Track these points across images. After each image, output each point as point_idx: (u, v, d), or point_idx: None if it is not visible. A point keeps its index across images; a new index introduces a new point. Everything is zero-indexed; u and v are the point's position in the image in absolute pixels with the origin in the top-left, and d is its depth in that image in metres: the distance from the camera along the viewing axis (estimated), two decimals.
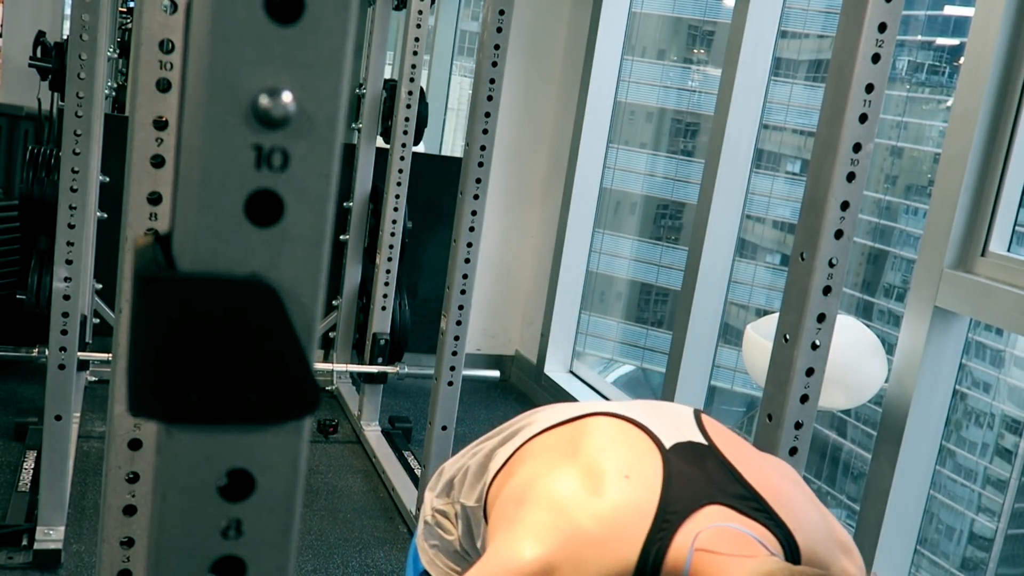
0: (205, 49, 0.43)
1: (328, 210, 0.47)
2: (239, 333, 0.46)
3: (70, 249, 3.11)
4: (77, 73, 3.11)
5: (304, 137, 0.45)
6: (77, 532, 3.31)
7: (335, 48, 0.45)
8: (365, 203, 4.84)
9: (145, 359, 0.46)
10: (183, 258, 0.46)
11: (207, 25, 0.43)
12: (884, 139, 4.11)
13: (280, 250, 0.46)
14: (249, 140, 0.44)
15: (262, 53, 0.44)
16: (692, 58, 5.69)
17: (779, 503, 1.32)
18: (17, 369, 4.60)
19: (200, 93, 0.44)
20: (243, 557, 0.49)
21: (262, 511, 0.49)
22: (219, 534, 0.49)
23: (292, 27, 0.44)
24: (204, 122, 0.44)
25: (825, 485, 4.35)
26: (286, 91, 0.44)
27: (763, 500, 1.31)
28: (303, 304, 0.47)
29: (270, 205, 0.46)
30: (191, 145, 0.45)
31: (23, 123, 4.91)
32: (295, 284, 0.47)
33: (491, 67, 3.14)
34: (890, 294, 4.15)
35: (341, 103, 0.46)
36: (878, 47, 1.73)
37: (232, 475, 0.48)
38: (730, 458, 1.36)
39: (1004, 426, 3.70)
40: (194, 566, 0.49)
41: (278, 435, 0.48)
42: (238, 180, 0.45)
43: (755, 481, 1.33)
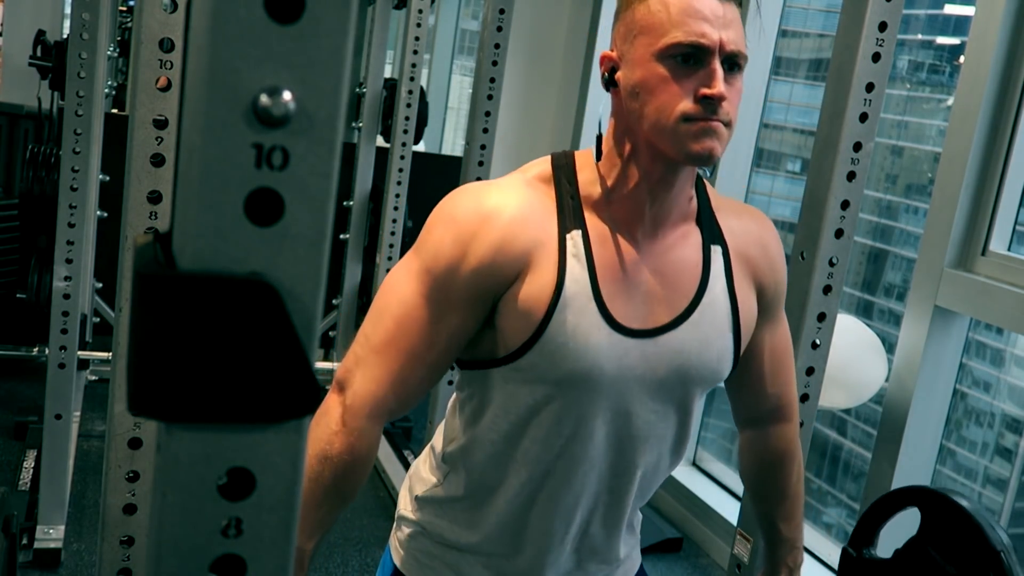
0: (205, 48, 0.43)
1: (328, 209, 0.47)
2: (239, 332, 0.46)
3: (70, 248, 3.11)
4: (77, 72, 3.11)
5: (304, 136, 0.45)
6: (77, 531, 3.32)
7: (335, 47, 0.45)
8: (365, 202, 4.84)
9: (145, 358, 0.46)
10: (183, 257, 0.46)
11: (207, 24, 0.43)
12: (884, 138, 4.12)
13: (280, 249, 0.46)
14: (249, 139, 0.44)
15: (262, 52, 0.44)
16: None
17: None
18: (17, 368, 4.60)
19: (200, 92, 0.44)
20: (243, 556, 0.49)
21: (262, 510, 0.49)
22: (219, 533, 0.49)
23: (292, 26, 0.44)
24: (204, 121, 0.44)
25: (825, 484, 4.35)
26: (286, 90, 0.44)
27: None
28: (303, 303, 0.47)
29: (270, 204, 0.46)
30: (191, 144, 0.45)
31: (23, 122, 4.92)
32: (295, 283, 0.47)
33: (491, 66, 3.14)
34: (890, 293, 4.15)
35: (341, 102, 0.46)
36: (878, 46, 1.73)
37: (232, 474, 0.48)
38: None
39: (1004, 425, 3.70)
40: (194, 565, 0.49)
41: (278, 434, 0.48)
42: (238, 179, 0.45)
43: None
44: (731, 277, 1.38)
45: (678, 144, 1.24)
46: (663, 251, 1.34)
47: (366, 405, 1.29)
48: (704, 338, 1.35)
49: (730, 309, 1.37)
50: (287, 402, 0.48)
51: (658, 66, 1.24)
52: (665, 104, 1.24)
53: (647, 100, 1.25)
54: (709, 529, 3.96)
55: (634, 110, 1.27)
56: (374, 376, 1.30)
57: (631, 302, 1.31)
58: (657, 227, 1.34)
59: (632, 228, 1.33)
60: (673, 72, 1.23)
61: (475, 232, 1.27)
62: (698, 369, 1.35)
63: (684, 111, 1.23)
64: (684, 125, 1.23)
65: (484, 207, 1.29)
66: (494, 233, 1.27)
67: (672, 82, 1.23)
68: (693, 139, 1.23)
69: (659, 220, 1.34)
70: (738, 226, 1.42)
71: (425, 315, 1.29)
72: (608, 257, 1.31)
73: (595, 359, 1.28)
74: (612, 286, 1.30)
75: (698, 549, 3.97)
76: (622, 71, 1.29)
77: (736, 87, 1.26)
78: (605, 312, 1.29)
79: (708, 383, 1.39)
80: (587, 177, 1.34)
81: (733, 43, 1.25)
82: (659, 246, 1.34)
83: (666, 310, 1.33)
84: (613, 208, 1.32)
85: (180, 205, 0.46)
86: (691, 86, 1.23)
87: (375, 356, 1.30)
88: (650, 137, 1.27)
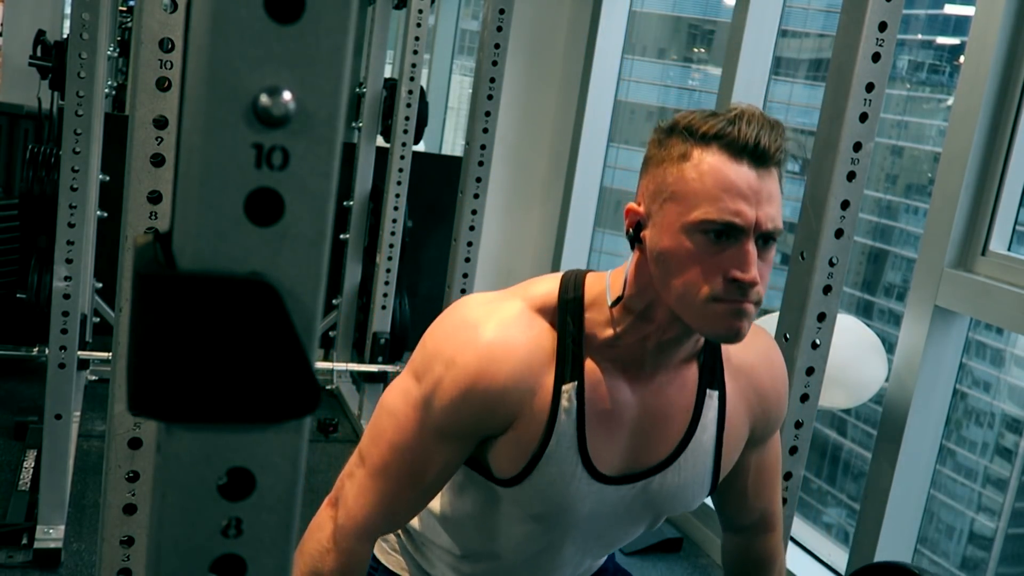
0: (205, 48, 0.43)
1: (328, 209, 0.47)
2: (239, 332, 0.46)
3: (70, 248, 3.11)
4: (77, 72, 3.11)
5: (304, 136, 0.45)
6: (77, 531, 3.31)
7: (335, 46, 0.45)
8: (365, 202, 4.84)
9: (145, 358, 0.46)
10: (183, 257, 0.46)
11: (207, 24, 0.43)
12: (884, 138, 4.11)
13: (280, 249, 0.46)
14: (249, 139, 0.44)
15: (262, 52, 0.44)
16: (692, 57, 5.69)
17: None
18: (17, 368, 4.60)
19: (200, 92, 0.44)
20: (243, 556, 0.49)
21: (262, 510, 0.49)
22: (219, 533, 0.49)
23: (292, 26, 0.44)
24: (204, 121, 0.44)
25: (825, 484, 4.35)
26: (286, 90, 0.44)
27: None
28: (303, 303, 0.47)
29: (270, 204, 0.46)
30: (191, 144, 0.45)
31: (23, 122, 4.92)
32: (295, 283, 0.47)
33: (491, 66, 3.14)
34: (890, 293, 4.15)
35: (341, 102, 0.46)
36: (878, 46, 1.73)
37: (232, 474, 0.48)
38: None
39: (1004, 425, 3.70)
40: (194, 565, 0.49)
41: (278, 434, 0.48)
42: (238, 179, 0.45)
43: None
44: (722, 424, 1.36)
45: (703, 322, 1.19)
46: (656, 390, 1.32)
47: (357, 527, 1.31)
48: (682, 482, 1.36)
49: (713, 455, 1.37)
50: (287, 402, 0.48)
51: (687, 239, 1.17)
52: (693, 281, 1.17)
53: (674, 272, 1.19)
54: (709, 529, 3.96)
55: (659, 276, 1.21)
56: (366, 499, 1.31)
57: (615, 449, 1.31)
58: (657, 370, 1.31)
59: (630, 371, 1.30)
60: (703, 248, 1.16)
61: (474, 382, 1.24)
62: (671, 506, 1.38)
63: (712, 292, 1.17)
64: (712, 305, 1.17)
65: (485, 354, 1.25)
66: (493, 387, 1.25)
67: (701, 259, 1.17)
68: (720, 319, 1.18)
69: (660, 365, 1.31)
70: (742, 361, 1.38)
71: (419, 445, 1.29)
72: (600, 405, 1.28)
73: (572, 503, 1.31)
74: (599, 436, 1.29)
75: (698, 549, 3.97)
76: (648, 231, 1.22)
77: (769, 259, 1.20)
78: (588, 463, 1.29)
79: (678, 512, 1.42)
80: (595, 318, 1.29)
81: (771, 220, 1.17)
82: (654, 385, 1.31)
83: (650, 456, 1.33)
84: (616, 351, 1.29)
85: (180, 205, 0.46)
86: (722, 265, 1.16)
87: (369, 479, 1.31)
88: (673, 306, 1.21)
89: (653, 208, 1.21)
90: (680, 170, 1.18)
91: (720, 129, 1.18)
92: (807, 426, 1.92)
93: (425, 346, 1.30)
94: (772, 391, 1.41)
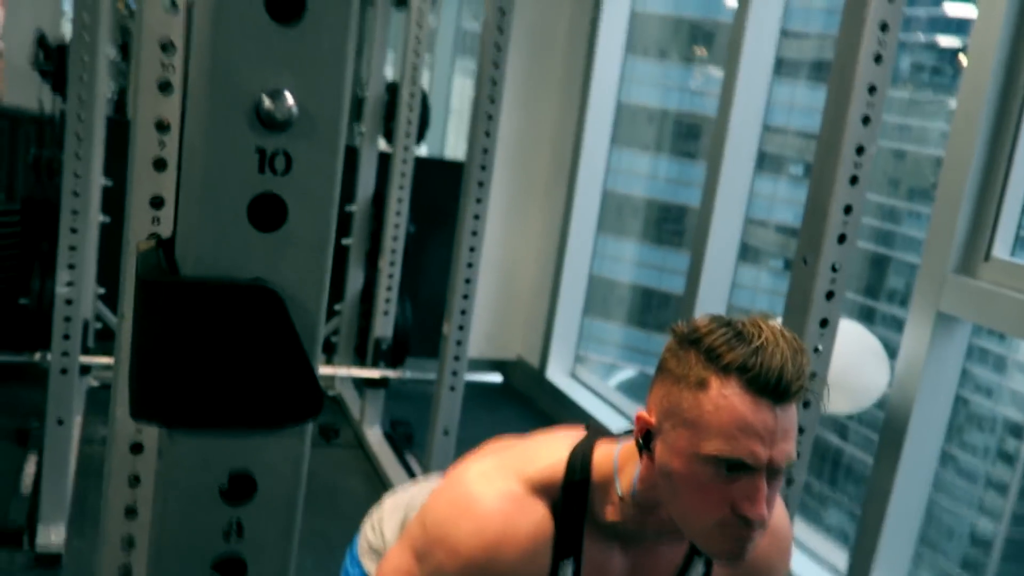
0: (207, 49, 0.43)
1: (331, 214, 0.47)
2: (242, 338, 0.46)
3: (72, 253, 3.11)
4: (79, 75, 3.11)
5: (306, 139, 0.45)
6: (79, 535, 3.31)
7: (336, 48, 0.45)
8: (368, 207, 4.84)
9: (148, 364, 0.46)
10: (186, 262, 0.45)
11: (209, 25, 0.43)
12: (886, 141, 4.11)
13: (283, 254, 0.46)
14: (252, 143, 0.44)
15: (264, 54, 0.44)
16: (694, 58, 5.69)
17: None
18: (19, 373, 4.59)
19: (203, 94, 0.44)
20: (244, 558, 0.49)
21: (263, 513, 0.49)
22: (220, 535, 0.49)
23: (293, 27, 0.44)
24: (207, 124, 0.44)
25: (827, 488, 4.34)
26: (288, 93, 0.44)
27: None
28: (306, 309, 0.47)
29: (273, 209, 0.45)
30: (194, 147, 0.44)
31: (25, 125, 4.92)
32: (298, 289, 0.46)
33: (493, 67, 3.14)
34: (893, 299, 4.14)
35: (343, 104, 0.46)
36: (880, 47, 1.73)
37: (234, 478, 0.48)
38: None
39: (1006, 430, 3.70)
40: (196, 567, 0.49)
41: (280, 439, 0.48)
42: (241, 184, 0.45)
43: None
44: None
45: (706, 543, 1.20)
46: (646, 554, 1.34)
47: None
48: None
49: None
50: (290, 407, 0.47)
51: (699, 467, 1.16)
52: (699, 508, 1.18)
53: (681, 495, 1.19)
54: None
55: (666, 491, 1.21)
56: None
57: None
58: (653, 538, 1.33)
59: (627, 547, 1.33)
60: (713, 478, 1.16)
61: (477, 572, 1.26)
62: None
63: (719, 520, 1.17)
64: (716, 530, 1.18)
65: (486, 545, 1.26)
66: (492, 570, 1.27)
67: (710, 489, 1.16)
68: (723, 544, 1.18)
69: (656, 536, 1.33)
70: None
71: None
72: (595, 575, 1.32)
73: None
74: None
75: None
76: (659, 446, 1.21)
77: (777, 487, 1.18)
78: None
79: None
80: (599, 499, 1.30)
81: (785, 456, 1.16)
82: (643, 550, 1.34)
83: None
84: (615, 530, 1.31)
85: (183, 210, 0.46)
86: (731, 496, 1.16)
87: None
88: (677, 521, 1.22)
89: (666, 426, 1.20)
90: (696, 398, 1.17)
91: (743, 362, 1.15)
92: (809, 431, 1.92)
93: (425, 527, 1.31)
94: (763, 560, 1.39)
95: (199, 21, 0.44)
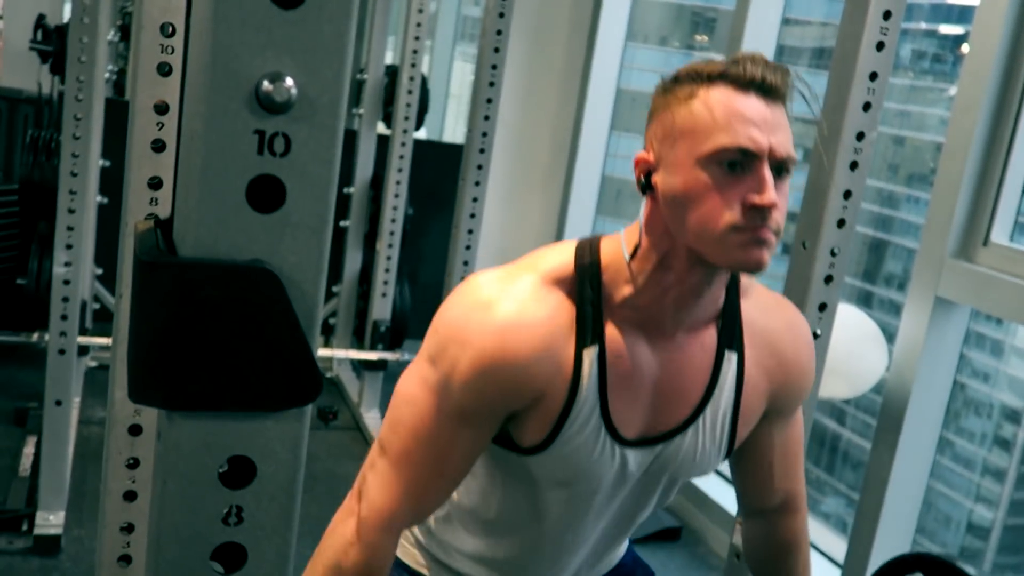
0: (207, 33, 0.43)
1: (330, 196, 0.46)
2: (240, 319, 0.46)
3: (70, 234, 3.11)
4: (78, 57, 3.10)
5: (306, 122, 0.45)
6: (77, 517, 3.32)
7: (337, 32, 0.44)
8: (366, 189, 4.83)
9: (146, 345, 0.46)
10: (184, 243, 0.45)
11: (209, 8, 0.43)
12: (887, 127, 4.11)
13: (282, 236, 0.46)
14: (251, 125, 0.44)
15: (264, 37, 0.43)
16: (695, 45, 5.68)
17: None
18: (17, 354, 4.59)
19: (202, 78, 0.43)
20: (244, 543, 0.49)
21: (263, 498, 0.49)
22: (220, 521, 0.49)
23: (294, 11, 0.44)
24: (206, 107, 0.44)
25: (824, 474, 4.35)
26: (288, 76, 0.44)
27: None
28: (304, 290, 0.47)
29: (272, 191, 0.45)
30: (193, 130, 0.44)
31: (23, 107, 4.90)
32: (296, 270, 0.46)
33: (493, 52, 3.13)
34: (891, 283, 4.14)
35: (343, 88, 0.45)
36: (882, 35, 1.72)
37: (233, 462, 0.48)
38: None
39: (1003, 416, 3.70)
40: (195, 552, 0.49)
41: (279, 422, 0.48)
42: (240, 166, 0.44)
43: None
44: (740, 387, 1.34)
45: (725, 254, 1.17)
46: (676, 349, 1.30)
47: (382, 519, 1.27)
48: (699, 445, 1.34)
49: (731, 419, 1.35)
50: (288, 390, 0.47)
51: (702, 172, 1.16)
52: (710, 214, 1.16)
53: (690, 208, 1.18)
54: (708, 518, 3.96)
55: (674, 217, 1.20)
56: (389, 490, 1.27)
57: (636, 411, 1.29)
58: (677, 330, 1.29)
59: (651, 332, 1.28)
60: (718, 179, 1.16)
61: (494, 362, 1.22)
62: (687, 470, 1.36)
63: (731, 222, 1.15)
64: (732, 235, 1.16)
65: (501, 331, 1.22)
66: (515, 365, 1.22)
67: (717, 190, 1.16)
68: (741, 249, 1.16)
69: (680, 324, 1.29)
70: (764, 327, 1.37)
71: (440, 431, 1.25)
72: (621, 367, 1.27)
73: (596, 469, 1.29)
74: (620, 397, 1.28)
75: (697, 538, 3.98)
76: (660, 175, 1.21)
77: (784, 192, 1.19)
78: (610, 426, 1.28)
79: (694, 477, 1.40)
80: (612, 278, 1.27)
81: (783, 147, 1.17)
82: (673, 345, 1.29)
83: (669, 418, 1.32)
84: (636, 312, 1.27)
85: (181, 192, 0.45)
86: (738, 194, 1.15)
87: (391, 469, 1.28)
88: (692, 245, 1.19)
89: (663, 151, 1.21)
90: (688, 108, 1.18)
91: (725, 69, 1.19)
92: (808, 417, 1.92)
93: (437, 331, 1.27)
94: (794, 360, 1.39)
95: (199, 4, 0.44)
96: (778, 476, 1.47)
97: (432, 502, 1.31)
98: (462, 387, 1.23)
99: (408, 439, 1.26)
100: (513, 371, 1.22)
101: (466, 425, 1.25)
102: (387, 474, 1.27)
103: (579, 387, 1.25)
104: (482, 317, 1.23)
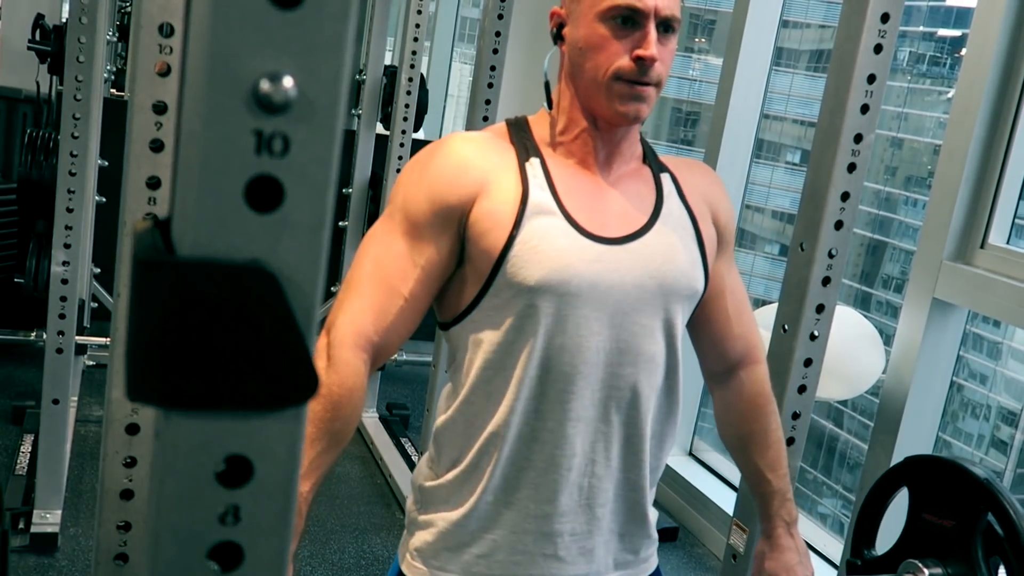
0: (206, 33, 0.43)
1: (329, 196, 0.46)
2: (238, 319, 0.46)
3: (68, 233, 3.11)
4: (76, 56, 3.10)
5: (305, 122, 0.45)
6: (74, 516, 3.32)
7: (337, 32, 0.45)
8: (364, 189, 4.84)
9: (143, 344, 0.46)
10: (182, 243, 0.45)
11: (208, 8, 0.43)
12: (884, 130, 4.11)
13: (280, 236, 0.46)
14: (249, 125, 0.44)
15: (263, 37, 0.44)
16: (693, 47, 5.68)
17: None
18: (15, 353, 4.60)
19: (200, 77, 0.44)
20: (241, 543, 0.49)
21: (260, 497, 0.49)
22: (217, 520, 0.49)
23: (294, 11, 0.44)
24: (204, 107, 0.44)
25: (821, 475, 4.36)
26: (287, 76, 0.44)
27: None
28: (303, 290, 0.47)
29: (270, 191, 0.45)
30: (191, 130, 0.44)
31: (21, 106, 4.90)
32: (295, 270, 0.46)
33: (491, 54, 3.13)
34: (888, 285, 4.15)
35: (343, 88, 0.46)
36: (880, 37, 1.73)
37: (230, 461, 0.48)
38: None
39: (1000, 418, 3.71)
40: (192, 551, 0.49)
41: (277, 421, 0.48)
42: (238, 165, 0.45)
43: None
44: (684, 196, 1.50)
45: (607, 99, 1.38)
46: (616, 181, 1.47)
47: (348, 336, 1.36)
48: (670, 244, 1.44)
49: (689, 219, 1.48)
50: (286, 389, 0.47)
51: (600, 26, 1.37)
52: (602, 61, 1.38)
53: (588, 56, 1.39)
54: (705, 519, 3.97)
55: (577, 64, 1.41)
56: (353, 309, 1.38)
57: (594, 217, 1.41)
58: (610, 164, 1.46)
59: (586, 164, 1.45)
60: (612, 32, 1.37)
61: (434, 160, 1.41)
62: (673, 275, 1.43)
63: (618, 68, 1.37)
64: (617, 84, 1.37)
65: (443, 144, 1.43)
66: (453, 157, 1.40)
67: (611, 41, 1.37)
68: (620, 101, 1.38)
69: (611, 159, 1.46)
70: (678, 165, 1.55)
71: (398, 248, 1.39)
72: (567, 181, 1.42)
73: (568, 260, 1.37)
74: (574, 203, 1.41)
75: (694, 539, 3.98)
76: (568, 28, 1.43)
77: (669, 48, 1.40)
78: (571, 220, 1.39)
79: (685, 297, 1.46)
80: (539, 126, 1.48)
81: (667, 8, 1.37)
82: (612, 177, 1.47)
83: (628, 223, 1.44)
84: (567, 148, 1.45)
85: (180, 191, 0.45)
86: (627, 46, 1.37)
87: (354, 293, 1.39)
88: (587, 91, 1.41)
89: (572, 7, 1.42)
90: None
91: None
92: (804, 417, 1.92)
93: (395, 184, 1.47)
94: (712, 187, 1.56)
95: (198, 3, 0.44)
96: (735, 321, 1.58)
97: (395, 324, 1.39)
98: (413, 197, 1.40)
99: (369, 265, 1.40)
100: (455, 159, 1.40)
101: (421, 238, 1.39)
102: (351, 299, 1.39)
103: (528, 184, 1.39)
104: (428, 146, 1.46)
